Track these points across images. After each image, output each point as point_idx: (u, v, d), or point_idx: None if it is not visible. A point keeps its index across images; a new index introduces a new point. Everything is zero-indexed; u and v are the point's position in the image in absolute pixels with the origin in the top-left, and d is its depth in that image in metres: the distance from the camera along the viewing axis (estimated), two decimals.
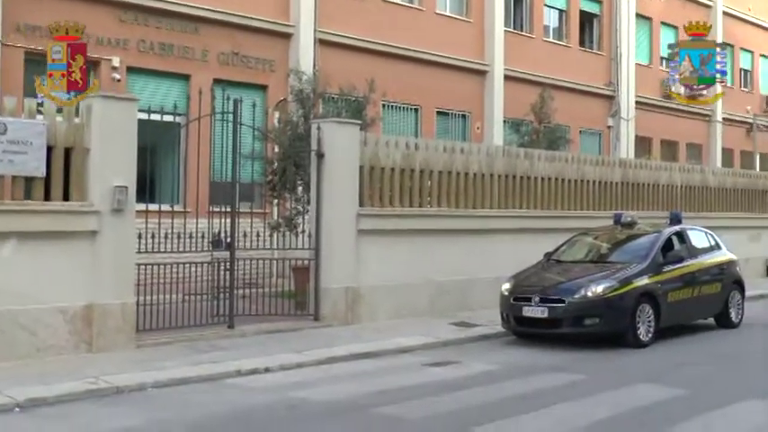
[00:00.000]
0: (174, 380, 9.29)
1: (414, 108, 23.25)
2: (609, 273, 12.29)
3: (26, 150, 9.99)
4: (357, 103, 16.26)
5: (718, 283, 13.83)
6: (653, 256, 12.68)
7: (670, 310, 12.51)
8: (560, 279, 12.55)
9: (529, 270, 13.16)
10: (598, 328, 11.76)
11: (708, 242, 14.41)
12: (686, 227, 14.31)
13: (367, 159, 13.78)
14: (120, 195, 10.65)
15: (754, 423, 7.70)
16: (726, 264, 14.32)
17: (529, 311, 11.96)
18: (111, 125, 10.68)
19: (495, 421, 7.76)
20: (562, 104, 23.53)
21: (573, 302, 11.75)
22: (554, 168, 17.11)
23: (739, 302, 14.35)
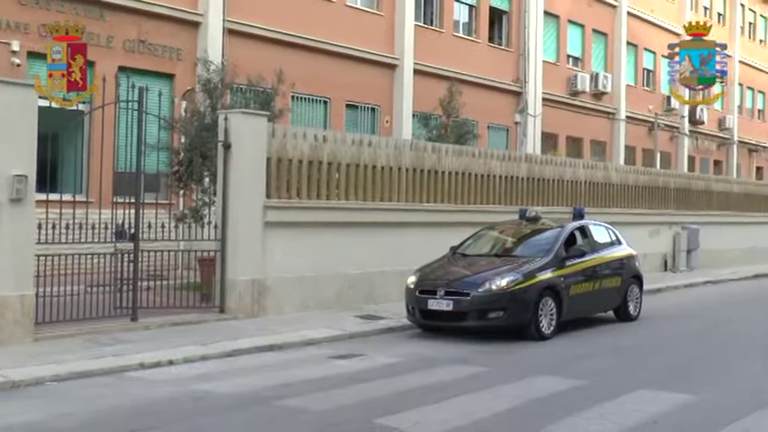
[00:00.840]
0: (74, 373, 9.10)
1: (323, 100, 23.23)
2: (513, 266, 12.47)
3: None
4: (265, 94, 16.15)
5: (618, 278, 14.22)
6: (556, 250, 12.94)
7: (572, 304, 12.82)
8: (465, 272, 12.64)
9: (434, 263, 13.25)
10: (502, 321, 11.93)
11: (609, 237, 14.76)
12: (588, 222, 14.66)
13: (274, 151, 13.71)
14: (18, 184, 10.36)
15: (648, 413, 7.96)
16: (626, 258, 14.70)
17: (434, 304, 12.03)
18: (10, 111, 10.37)
19: (398, 413, 7.83)
20: (470, 99, 23.84)
21: (477, 296, 11.88)
22: (461, 163, 17.32)
23: (638, 296, 14.75)
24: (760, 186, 32.21)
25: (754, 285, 22.49)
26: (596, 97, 34.36)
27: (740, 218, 29.01)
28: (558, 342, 12.14)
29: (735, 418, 7.80)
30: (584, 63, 34.12)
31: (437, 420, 7.64)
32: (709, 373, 10.24)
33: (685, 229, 25.01)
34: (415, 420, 7.61)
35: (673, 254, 24.91)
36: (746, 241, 29.33)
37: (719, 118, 44.23)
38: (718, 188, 28.15)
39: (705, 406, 8.36)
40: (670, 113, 38.87)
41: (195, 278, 13.93)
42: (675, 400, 8.49)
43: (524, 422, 7.65)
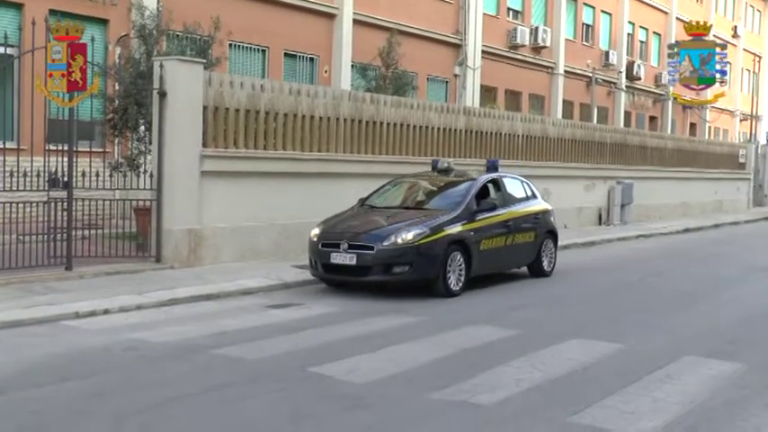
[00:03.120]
0: (5, 322, 8.99)
1: (261, 49, 22.96)
2: (420, 220, 12.01)
3: None
4: (202, 41, 15.91)
5: (532, 233, 13.92)
6: (466, 203, 12.55)
7: (482, 259, 12.48)
8: (371, 225, 12.15)
9: (340, 215, 12.84)
10: (408, 276, 11.55)
11: (523, 191, 14.41)
12: (502, 175, 14.25)
13: (211, 99, 13.56)
14: None
15: (579, 361, 8.18)
16: (540, 213, 14.43)
17: (337, 258, 11.59)
18: None
19: (333, 362, 7.91)
20: (410, 51, 23.79)
21: (382, 249, 11.42)
22: (400, 114, 17.33)
23: (552, 252, 14.54)
24: (693, 143, 32.87)
25: (684, 239, 23.06)
26: (536, 51, 34.53)
27: (673, 173, 29.64)
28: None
29: (658, 365, 8.05)
30: (524, 16, 34.20)
31: (371, 369, 7.74)
32: (633, 323, 10.52)
33: (620, 183, 25.47)
34: (349, 369, 7.70)
35: (607, 208, 25.37)
36: (679, 196, 30.05)
37: (656, 74, 44.86)
38: (652, 144, 28.66)
39: (630, 355, 8.61)
40: (608, 69, 39.31)
41: (131, 228, 13.79)
42: (605, 350, 8.73)
43: (456, 370, 7.79)
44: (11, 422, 6.02)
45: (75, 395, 6.74)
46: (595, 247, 19.61)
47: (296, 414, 6.42)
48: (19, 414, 6.22)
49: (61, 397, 6.69)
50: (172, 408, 6.46)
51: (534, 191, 14.75)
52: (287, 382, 7.29)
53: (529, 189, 14.58)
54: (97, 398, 6.66)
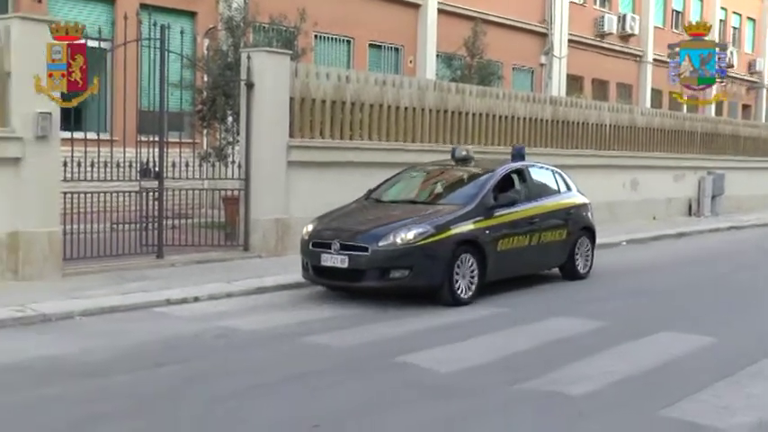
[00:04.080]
0: (102, 308, 9.24)
1: (346, 40, 23.06)
2: (424, 217, 10.49)
3: None
4: (288, 33, 16.06)
5: (563, 230, 12.23)
6: (481, 198, 10.93)
7: (500, 261, 10.86)
8: (369, 222, 10.71)
9: (338, 210, 11.59)
10: (407, 282, 10.01)
11: (554, 183, 12.71)
12: (529, 164, 12.48)
13: (297, 90, 13.68)
14: (43, 122, 10.40)
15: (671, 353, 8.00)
16: (574, 207, 12.67)
17: (328, 260, 10.15)
18: (32, 48, 10.35)
19: (419, 351, 7.92)
20: (495, 40, 23.60)
21: (378, 251, 9.92)
22: (485, 104, 17.21)
23: (588, 251, 12.83)
24: None
25: None
26: (623, 39, 33.88)
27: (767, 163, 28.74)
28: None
29: (751, 360, 7.82)
30: (611, 4, 33.58)
31: (455, 359, 7.71)
32: (726, 317, 10.24)
33: (711, 174, 24.81)
34: (434, 358, 7.68)
35: (698, 198, 24.74)
36: None
37: (749, 61, 43.54)
38: (745, 133, 27.84)
39: (722, 349, 8.38)
40: None
41: (219, 217, 14.03)
42: (696, 343, 8.53)
43: (542, 361, 7.70)
44: (111, 404, 6.20)
45: (168, 380, 6.89)
46: (685, 239, 19.14)
47: (381, 402, 6.44)
48: (118, 397, 6.39)
49: (156, 381, 6.85)
50: (259, 394, 6.55)
51: (569, 182, 13.04)
52: (372, 370, 7.32)
53: (561, 180, 12.90)
54: (189, 383, 6.80)
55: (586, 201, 13.11)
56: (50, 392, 6.43)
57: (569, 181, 13.06)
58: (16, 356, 7.43)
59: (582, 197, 13.07)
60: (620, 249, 16.62)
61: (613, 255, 15.52)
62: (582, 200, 13.01)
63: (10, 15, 10.35)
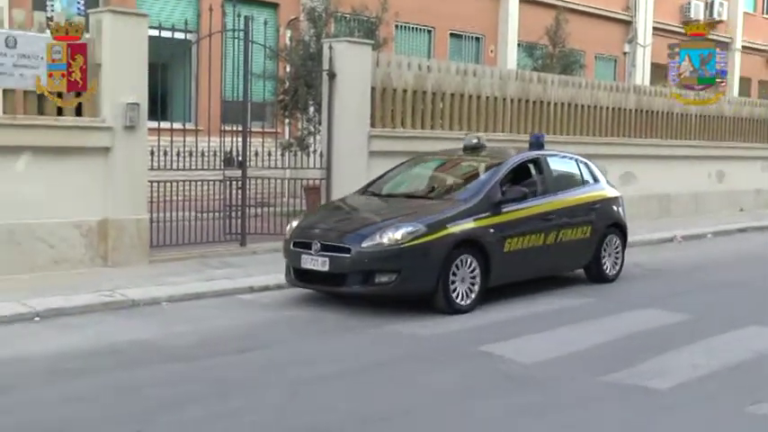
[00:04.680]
0: (187, 294, 9.44)
1: (427, 30, 23.02)
2: (418, 213, 9.35)
3: (37, 65, 9.94)
4: (369, 23, 16.12)
5: (587, 227, 10.93)
6: (485, 192, 9.72)
7: (507, 263, 9.69)
8: (356, 219, 9.78)
9: (327, 205, 10.95)
10: (395, 288, 8.85)
11: (578, 174, 11.42)
12: (547, 153, 11.18)
13: (379, 80, 13.72)
14: (131, 112, 10.66)
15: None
16: (600, 202, 11.34)
17: (308, 262, 9.13)
18: (122, 41, 10.63)
19: (502, 341, 7.91)
20: (578, 29, 23.28)
21: (362, 252, 8.83)
22: (567, 93, 17.00)
23: (618, 250, 11.51)
24: None
25: None
26: (711, 26, 32.92)
27: None
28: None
29: None
30: None
31: (539, 349, 7.67)
32: None
33: None
34: (518, 348, 7.66)
35: None
36: None
37: None
38: None
39: None
40: None
41: (301, 206, 14.17)
42: None
43: (626, 353, 7.60)
44: (195, 388, 6.34)
45: (251, 366, 7.01)
46: None
47: (463, 391, 6.45)
48: (202, 381, 6.53)
49: (239, 367, 6.97)
50: (340, 381, 6.61)
51: (596, 173, 11.72)
52: (457, 359, 7.33)
53: (587, 171, 11.57)
54: (272, 369, 6.90)
55: (617, 194, 11.82)
56: (139, 375, 6.61)
57: (597, 172, 11.75)
58: (106, 340, 7.65)
59: (611, 190, 11.77)
60: (705, 241, 16.26)
61: (698, 247, 15.20)
62: (611, 193, 11.69)
63: (102, 9, 10.63)
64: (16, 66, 9.77)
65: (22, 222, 9.94)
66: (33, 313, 8.30)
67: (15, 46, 9.74)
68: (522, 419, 5.86)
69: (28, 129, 9.97)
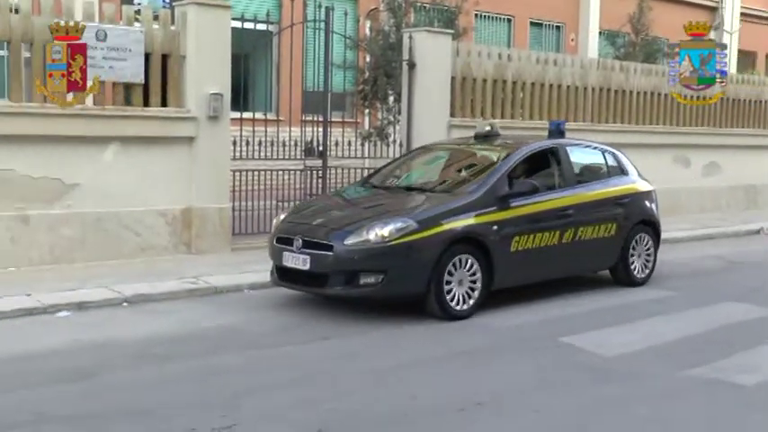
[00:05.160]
0: (269, 282, 9.56)
1: (507, 18, 22.86)
2: (412, 207, 8.65)
3: (125, 57, 10.22)
4: (449, 12, 16.08)
5: (612, 224, 9.93)
6: (490, 184, 8.83)
7: (514, 264, 8.81)
8: (345, 214, 8.87)
9: (322, 197, 10.31)
10: (381, 290, 8.05)
11: (603, 165, 10.48)
12: (566, 142, 10.13)
13: (458, 70, 13.68)
14: (215, 102, 10.85)
15: None
16: (629, 196, 10.31)
17: (290, 260, 8.42)
18: (206, 33, 10.83)
19: (583, 333, 7.85)
20: (661, 16, 22.79)
21: (345, 250, 8.05)
22: (651, 83, 16.68)
23: (649, 250, 10.46)
24: None
25: None
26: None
27: None
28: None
29: None
30: None
31: (620, 342, 7.59)
32: None
33: None
34: (599, 341, 7.58)
35: None
36: None
37: None
38: None
39: None
40: None
41: None
42: None
43: (711, 347, 7.46)
44: (277, 374, 6.46)
45: (332, 353, 7.10)
46: None
47: (542, 381, 6.44)
48: (284, 367, 6.65)
49: (320, 353, 7.08)
50: (420, 370, 6.65)
51: (624, 164, 10.69)
52: (536, 350, 7.30)
53: (615, 162, 10.60)
54: (353, 357, 7.00)
55: (649, 188, 10.71)
56: (224, 361, 6.75)
57: (626, 163, 10.72)
58: (191, 327, 7.83)
59: (643, 183, 10.67)
60: None
61: None
62: (642, 186, 10.61)
63: (187, 2, 10.83)
64: (106, 58, 10.04)
65: (109, 211, 10.22)
66: (121, 299, 8.55)
67: (105, 39, 10.01)
68: (607, 411, 5.82)
69: (116, 119, 10.24)
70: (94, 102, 10.27)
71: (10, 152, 9.56)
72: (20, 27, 9.61)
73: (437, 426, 5.48)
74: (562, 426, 5.53)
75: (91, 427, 5.31)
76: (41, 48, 9.73)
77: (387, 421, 5.53)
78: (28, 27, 9.65)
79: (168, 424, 5.34)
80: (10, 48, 9.70)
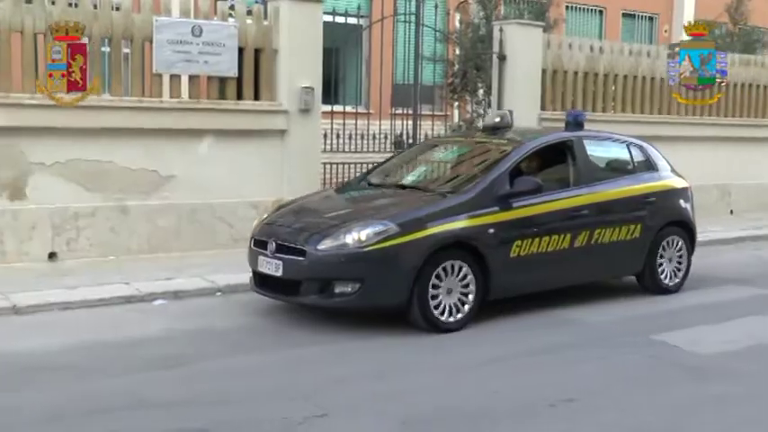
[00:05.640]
0: None
1: (598, 10, 22.51)
2: (398, 208, 7.82)
3: (219, 52, 10.43)
4: (539, 4, 15.93)
5: (636, 225, 8.91)
6: (487, 183, 7.93)
7: (516, 270, 7.93)
8: (325, 216, 8.01)
9: (313, 195, 9.30)
10: (356, 300, 7.30)
11: (627, 160, 9.45)
12: (584, 135, 9.11)
13: (549, 62, 13.53)
14: (306, 96, 10.98)
15: None
16: (657, 194, 9.25)
17: (264, 265, 7.75)
18: (298, 27, 10.96)
19: (676, 330, 7.70)
20: (761, 5, 22.10)
21: (318, 255, 7.33)
22: (749, 74, 16.22)
23: (681, 255, 9.40)
24: None
25: None
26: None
27: None
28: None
29: None
30: None
31: (716, 341, 7.41)
32: None
33: None
34: (693, 339, 7.42)
35: None
36: None
37: None
38: None
39: None
40: None
41: None
42: None
43: None
44: (361, 366, 6.50)
45: (416, 346, 7.11)
46: None
47: (643, 378, 6.34)
48: (367, 360, 6.72)
49: (403, 347, 7.09)
50: (506, 365, 6.63)
51: (654, 159, 9.62)
52: (627, 347, 7.19)
53: (641, 156, 9.55)
54: (435, 352, 7.00)
55: (683, 185, 9.64)
56: (308, 352, 6.83)
57: (656, 157, 9.64)
58: (277, 319, 7.93)
59: (676, 180, 9.61)
60: None
61: None
62: (675, 183, 9.54)
63: None
64: (201, 53, 10.28)
65: (204, 202, 10.45)
66: (215, 288, 8.74)
67: (201, 34, 10.24)
68: (707, 410, 5.71)
69: (211, 113, 10.45)
70: (189, 96, 10.51)
71: (110, 145, 9.88)
72: (121, 24, 9.92)
73: (527, 421, 5.44)
74: (659, 423, 5.43)
75: (186, 413, 5.45)
76: (140, 44, 10.03)
77: (474, 415, 5.51)
78: (129, 24, 9.94)
79: (258, 412, 5.44)
80: (111, 44, 9.99)
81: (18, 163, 9.47)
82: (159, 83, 10.39)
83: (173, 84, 10.40)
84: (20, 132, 9.42)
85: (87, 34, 9.49)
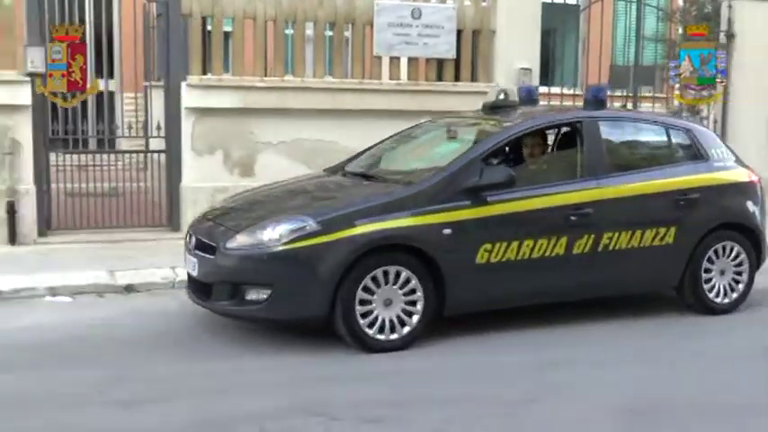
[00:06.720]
0: None
1: None
2: (331, 201, 6.73)
3: (438, 34, 10.59)
4: None
5: (669, 228, 7.20)
6: (448, 172, 6.56)
7: (485, 280, 6.54)
8: (265, 207, 6.85)
9: (271, 184, 7.77)
10: (265, 309, 6.14)
11: (663, 146, 7.75)
12: (600, 115, 7.37)
13: None
14: (524, 77, 10.89)
15: None
16: (703, 189, 7.42)
17: (187, 263, 6.81)
18: (517, 8, 10.91)
19: None
20: None
21: (226, 255, 6.27)
22: None
23: (740, 267, 7.60)
24: None
25: None
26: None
27: None
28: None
29: None
30: None
31: None
32: None
33: None
34: None
35: None
36: None
37: None
38: None
39: None
40: None
41: None
42: None
43: None
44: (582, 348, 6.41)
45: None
46: None
47: None
48: None
49: None
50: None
51: (702, 145, 7.66)
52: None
53: (687, 141, 7.69)
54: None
55: (746, 178, 7.77)
56: None
57: (707, 144, 7.72)
58: None
59: (735, 171, 7.72)
60: None
61: None
62: (730, 176, 7.67)
63: None
64: (420, 35, 10.49)
65: None
66: None
67: (420, 17, 10.43)
68: None
69: (429, 94, 10.61)
70: (408, 77, 10.71)
71: (332, 125, 10.25)
72: (344, 10, 10.35)
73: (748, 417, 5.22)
74: None
75: None
76: (362, 28, 10.39)
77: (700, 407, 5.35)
78: (351, 10, 10.36)
79: None
80: (334, 29, 10.40)
81: (248, 142, 10.04)
82: (379, 65, 10.67)
83: (392, 66, 10.65)
84: (249, 113, 9.98)
85: (312, 19, 9.97)
